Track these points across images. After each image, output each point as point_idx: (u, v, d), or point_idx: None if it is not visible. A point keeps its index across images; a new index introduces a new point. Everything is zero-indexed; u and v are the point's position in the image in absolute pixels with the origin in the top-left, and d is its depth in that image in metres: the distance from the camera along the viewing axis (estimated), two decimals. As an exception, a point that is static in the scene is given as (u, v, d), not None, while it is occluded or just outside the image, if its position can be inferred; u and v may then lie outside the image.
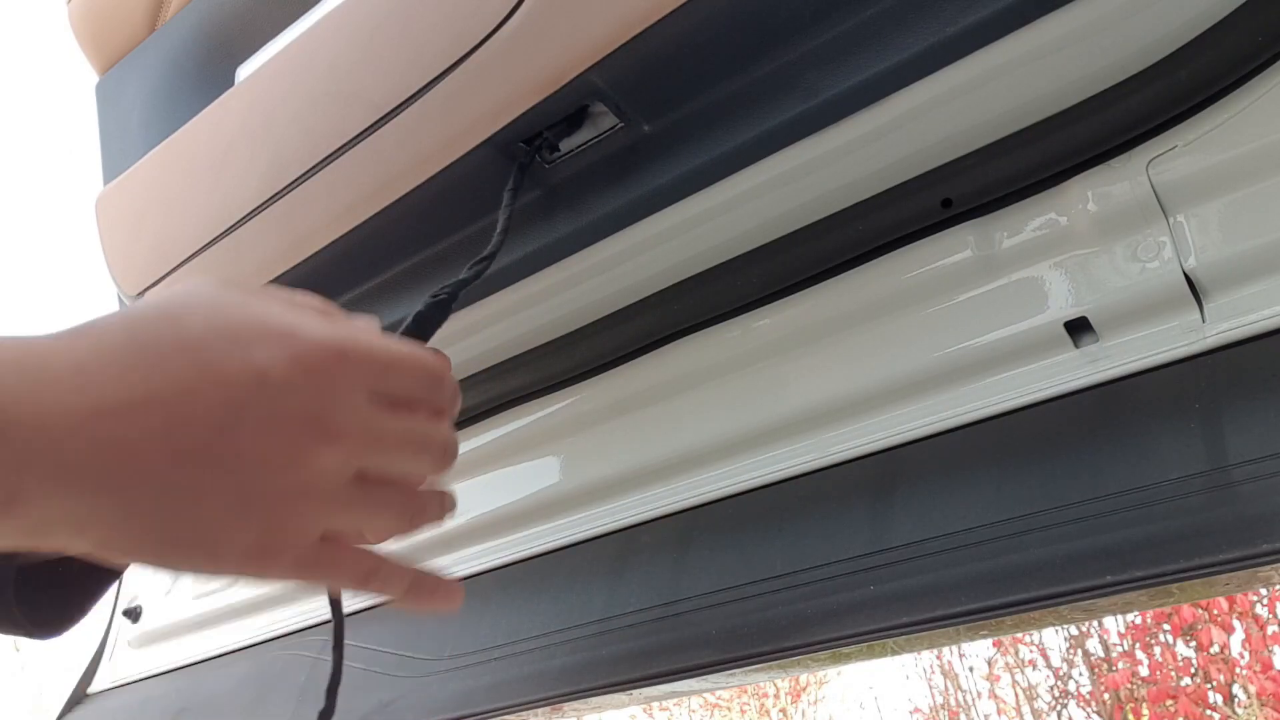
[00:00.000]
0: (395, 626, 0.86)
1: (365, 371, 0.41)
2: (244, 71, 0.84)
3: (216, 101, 0.77)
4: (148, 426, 0.36)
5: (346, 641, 0.88)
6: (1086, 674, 4.87)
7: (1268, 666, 4.03)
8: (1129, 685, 4.49)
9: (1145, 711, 4.38)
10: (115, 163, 0.92)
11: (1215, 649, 4.14)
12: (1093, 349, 0.56)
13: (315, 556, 0.41)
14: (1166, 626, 4.36)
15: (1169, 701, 4.25)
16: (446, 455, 0.45)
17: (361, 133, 0.67)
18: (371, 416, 0.41)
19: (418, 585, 0.45)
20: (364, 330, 0.42)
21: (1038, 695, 5.15)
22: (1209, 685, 4.21)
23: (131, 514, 0.36)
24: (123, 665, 1.10)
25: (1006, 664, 5.27)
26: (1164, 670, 4.37)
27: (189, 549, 0.38)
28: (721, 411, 0.70)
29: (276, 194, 0.70)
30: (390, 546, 0.46)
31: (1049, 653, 5.12)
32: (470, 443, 0.85)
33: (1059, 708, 5.04)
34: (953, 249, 0.61)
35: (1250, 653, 4.10)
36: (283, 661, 0.93)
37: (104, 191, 0.87)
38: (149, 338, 0.37)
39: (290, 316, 0.40)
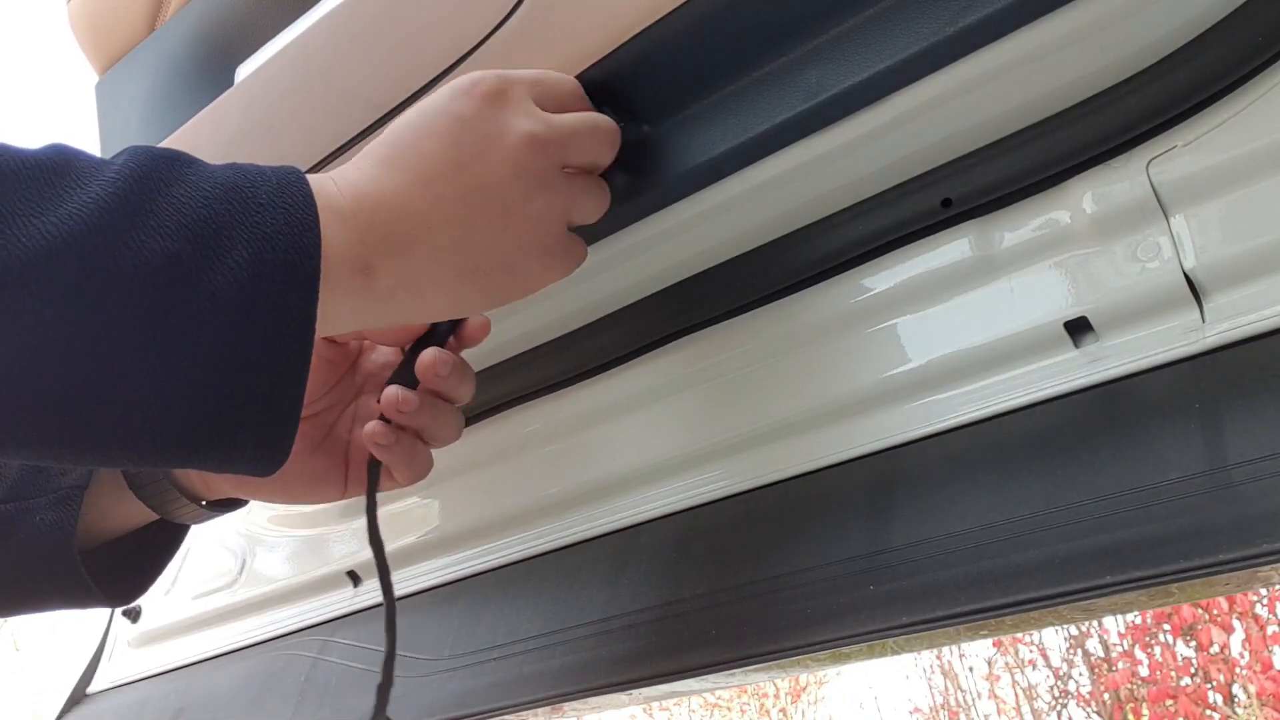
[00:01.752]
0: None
1: (525, 85, 0.53)
2: (243, 71, 0.84)
3: (216, 101, 0.77)
4: (413, 191, 0.48)
5: (346, 642, 0.88)
6: (1086, 674, 4.87)
7: (1268, 666, 4.03)
8: (1129, 685, 4.49)
9: (1145, 711, 4.38)
10: (115, 163, 0.92)
11: (1215, 649, 4.14)
12: (1093, 349, 0.56)
13: (571, 245, 0.54)
14: (1166, 626, 4.36)
15: (1169, 701, 4.25)
16: (610, 136, 0.56)
17: (361, 133, 0.67)
18: (545, 116, 0.52)
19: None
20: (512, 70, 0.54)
21: (1038, 695, 5.15)
22: (1209, 685, 4.21)
23: (441, 263, 0.49)
24: (123, 665, 1.11)
25: (1006, 664, 5.27)
26: (1164, 670, 4.36)
27: (488, 275, 0.51)
28: (722, 411, 0.70)
29: (276, 194, 0.70)
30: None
31: (1049, 653, 5.12)
32: (470, 443, 0.85)
33: (1059, 708, 5.04)
34: (953, 249, 0.61)
35: (1250, 653, 4.10)
36: (283, 661, 0.93)
37: (104, 191, 0.87)
38: (394, 147, 0.50)
39: (455, 80, 0.52)
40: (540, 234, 0.52)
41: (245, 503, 0.65)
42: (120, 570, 0.62)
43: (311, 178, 0.46)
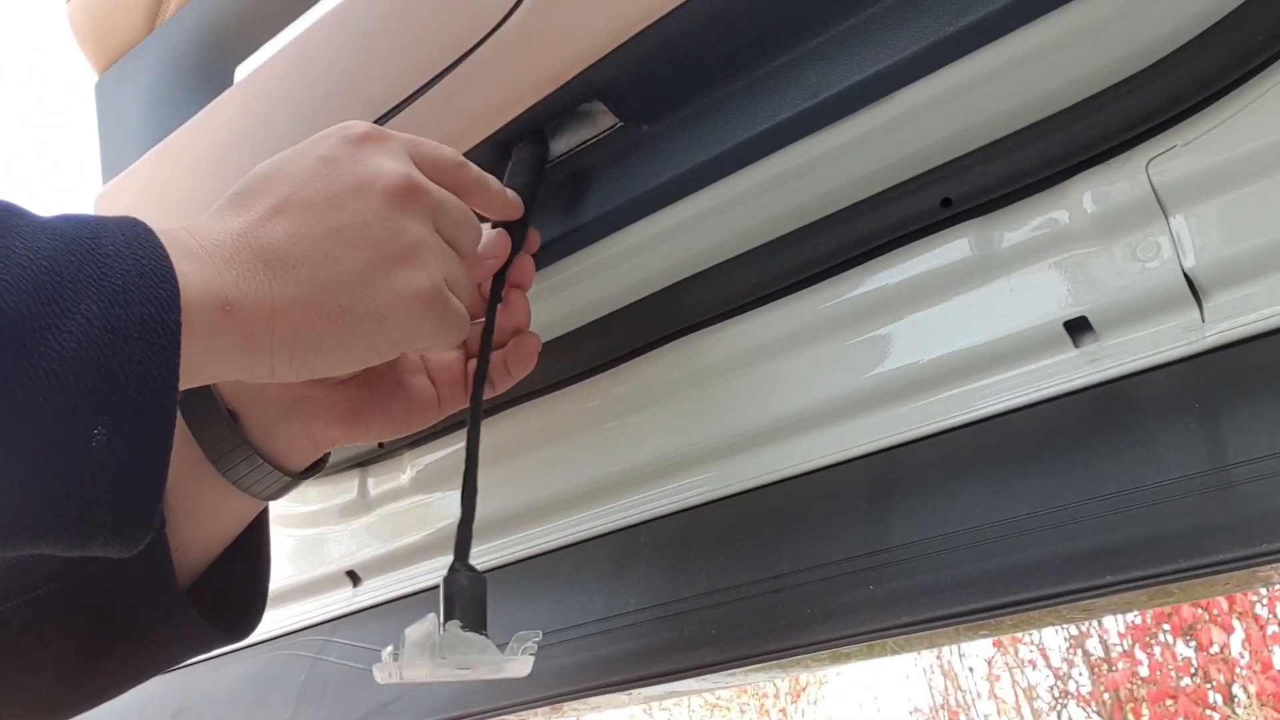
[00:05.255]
0: (395, 626, 0.86)
1: (400, 140, 0.52)
2: (243, 71, 0.84)
3: (216, 101, 0.77)
4: (271, 225, 0.45)
5: (345, 641, 0.88)
6: (1086, 674, 4.88)
7: (1268, 666, 4.04)
8: (1129, 685, 4.50)
9: (1145, 711, 4.39)
10: (115, 162, 0.92)
11: (1215, 649, 4.15)
12: (1092, 349, 0.56)
13: (450, 308, 0.51)
14: (1166, 626, 4.37)
15: (1169, 701, 4.26)
16: (475, 231, 0.55)
17: (361, 132, 0.67)
18: (419, 172, 0.51)
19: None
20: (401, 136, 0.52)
21: (1038, 695, 5.15)
22: (1209, 685, 4.22)
23: (303, 301, 0.45)
24: (122, 665, 1.10)
25: (1006, 664, 5.28)
26: (1164, 670, 4.37)
27: (355, 320, 0.47)
28: (721, 411, 0.70)
29: (276, 194, 0.70)
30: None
31: (1049, 653, 5.13)
32: (470, 442, 0.85)
33: (1059, 708, 5.05)
34: (952, 249, 0.61)
35: (1250, 653, 4.11)
36: (283, 661, 0.93)
37: (103, 190, 0.87)
38: (250, 189, 0.48)
39: (322, 131, 0.51)
40: (413, 281, 0.48)
41: (325, 464, 0.63)
42: (233, 608, 0.59)
43: (161, 227, 0.42)
